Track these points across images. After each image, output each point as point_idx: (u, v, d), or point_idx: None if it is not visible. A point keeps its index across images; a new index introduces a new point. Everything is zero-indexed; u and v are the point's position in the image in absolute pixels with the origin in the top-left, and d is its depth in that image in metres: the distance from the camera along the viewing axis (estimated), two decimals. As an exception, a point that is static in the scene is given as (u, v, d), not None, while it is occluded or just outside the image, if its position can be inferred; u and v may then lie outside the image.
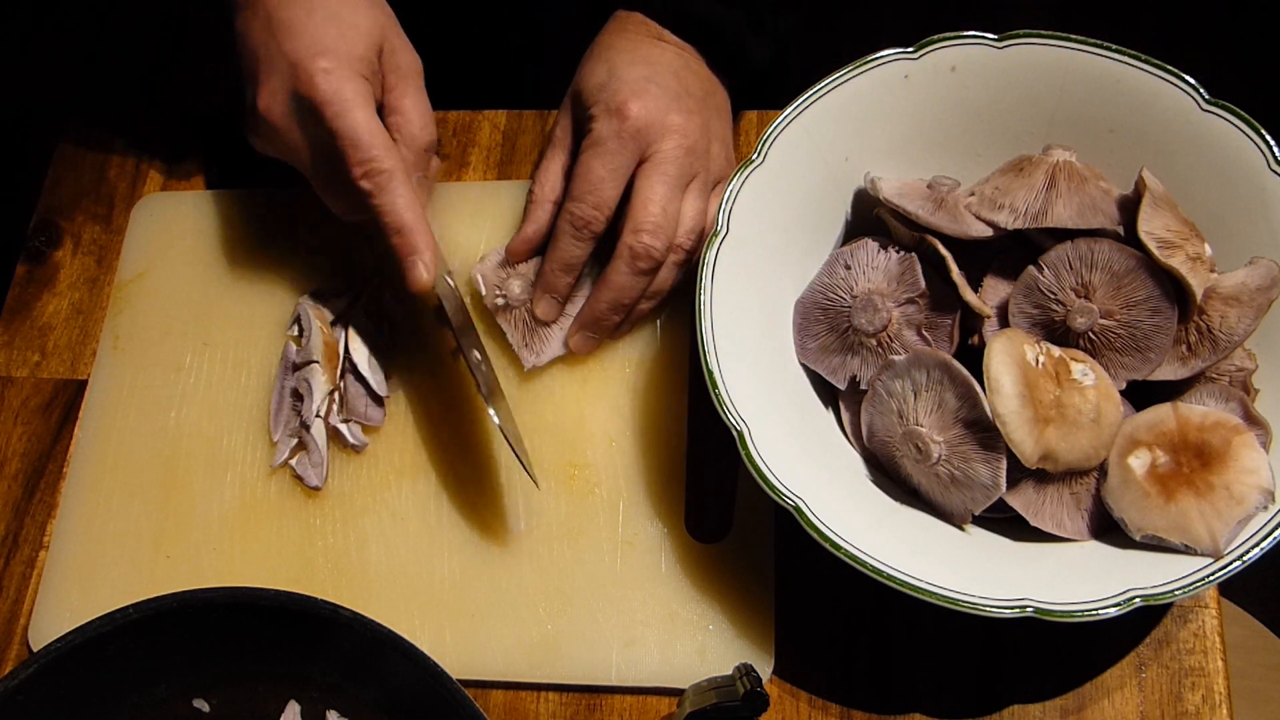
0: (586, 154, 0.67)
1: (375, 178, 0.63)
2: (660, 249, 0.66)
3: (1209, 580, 0.56)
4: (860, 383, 0.64)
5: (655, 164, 0.66)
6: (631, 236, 0.66)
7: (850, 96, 0.65)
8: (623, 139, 0.66)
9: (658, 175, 0.66)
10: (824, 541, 0.56)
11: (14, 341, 0.77)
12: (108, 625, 0.58)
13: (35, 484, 0.72)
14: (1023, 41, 0.65)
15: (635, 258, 0.66)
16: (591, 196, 0.66)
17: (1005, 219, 0.62)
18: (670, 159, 0.66)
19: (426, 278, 0.64)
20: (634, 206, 0.66)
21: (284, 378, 0.72)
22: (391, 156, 0.64)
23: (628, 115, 0.65)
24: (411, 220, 0.64)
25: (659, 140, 0.66)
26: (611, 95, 0.66)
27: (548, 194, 0.70)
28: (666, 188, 0.66)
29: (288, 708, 0.61)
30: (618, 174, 0.66)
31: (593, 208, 0.66)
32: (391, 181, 0.63)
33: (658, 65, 0.68)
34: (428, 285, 0.65)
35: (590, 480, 0.68)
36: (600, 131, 0.66)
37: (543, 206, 0.70)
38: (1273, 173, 0.62)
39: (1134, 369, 0.61)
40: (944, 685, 0.63)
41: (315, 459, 0.69)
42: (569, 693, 0.64)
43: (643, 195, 0.66)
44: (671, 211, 0.66)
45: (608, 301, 0.67)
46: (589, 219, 0.67)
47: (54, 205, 0.81)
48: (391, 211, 0.64)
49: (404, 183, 0.64)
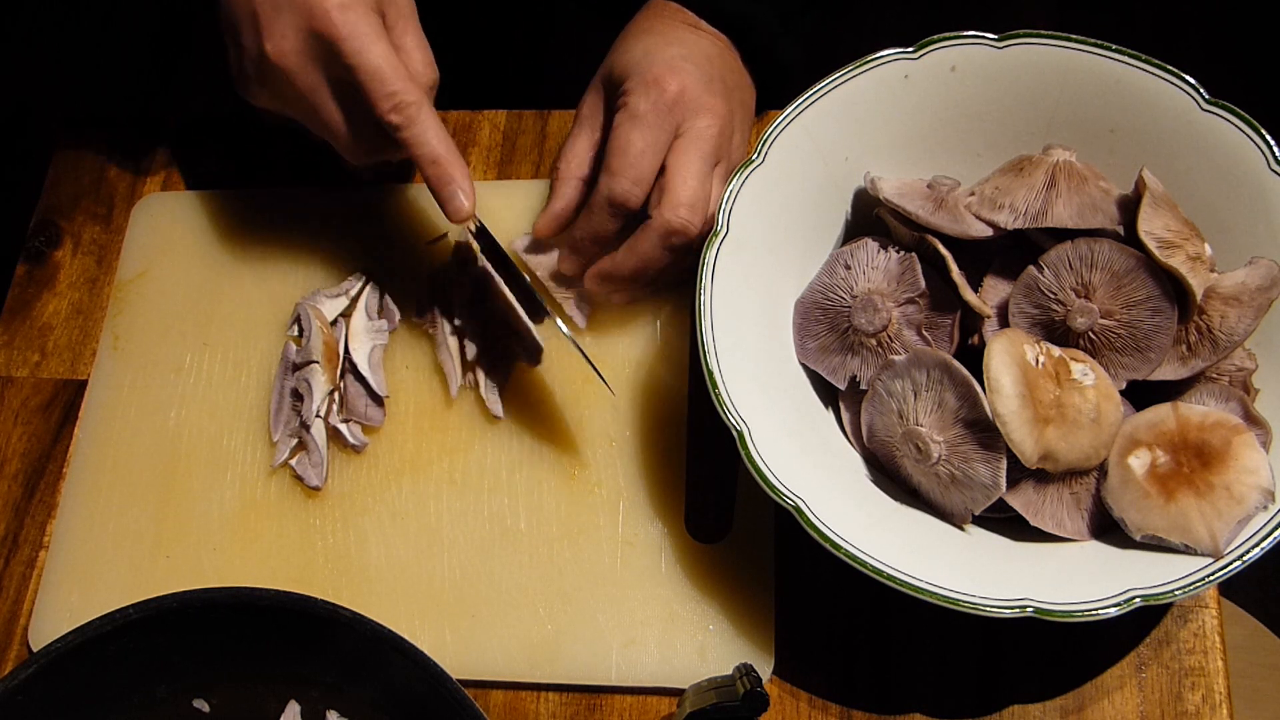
0: (623, 127, 0.65)
1: (404, 110, 0.62)
2: (697, 226, 0.64)
3: (1209, 580, 0.56)
4: (860, 383, 0.64)
5: (692, 139, 0.65)
6: (670, 211, 0.64)
7: (850, 96, 0.65)
8: (660, 112, 0.64)
9: (695, 151, 0.65)
10: (824, 541, 0.56)
11: (14, 341, 0.77)
12: (108, 625, 0.58)
13: (35, 484, 0.72)
14: (1023, 41, 0.65)
15: (671, 233, 0.64)
16: (631, 171, 0.64)
17: (1005, 219, 0.62)
18: (706, 137, 0.65)
19: (467, 205, 0.64)
20: (671, 181, 0.64)
21: (284, 378, 0.72)
22: (416, 88, 0.63)
23: (666, 88, 0.64)
24: (445, 149, 0.63)
25: (695, 117, 0.65)
26: (648, 69, 0.65)
27: (574, 170, 0.69)
28: (704, 164, 0.65)
29: (288, 708, 0.61)
30: (657, 148, 0.65)
31: (632, 182, 0.64)
32: (420, 112, 0.63)
33: (693, 49, 0.68)
34: (468, 212, 0.64)
35: (590, 480, 0.68)
36: (638, 104, 0.65)
37: (570, 183, 0.69)
38: (1273, 173, 0.62)
39: (1134, 369, 0.61)
40: (944, 685, 0.63)
41: (315, 459, 0.69)
42: (569, 693, 0.64)
43: (681, 170, 0.64)
44: (707, 189, 0.65)
45: (631, 269, 0.66)
46: (627, 195, 0.65)
47: (54, 205, 0.81)
48: (424, 142, 0.63)
49: (432, 113, 0.63)
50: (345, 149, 0.67)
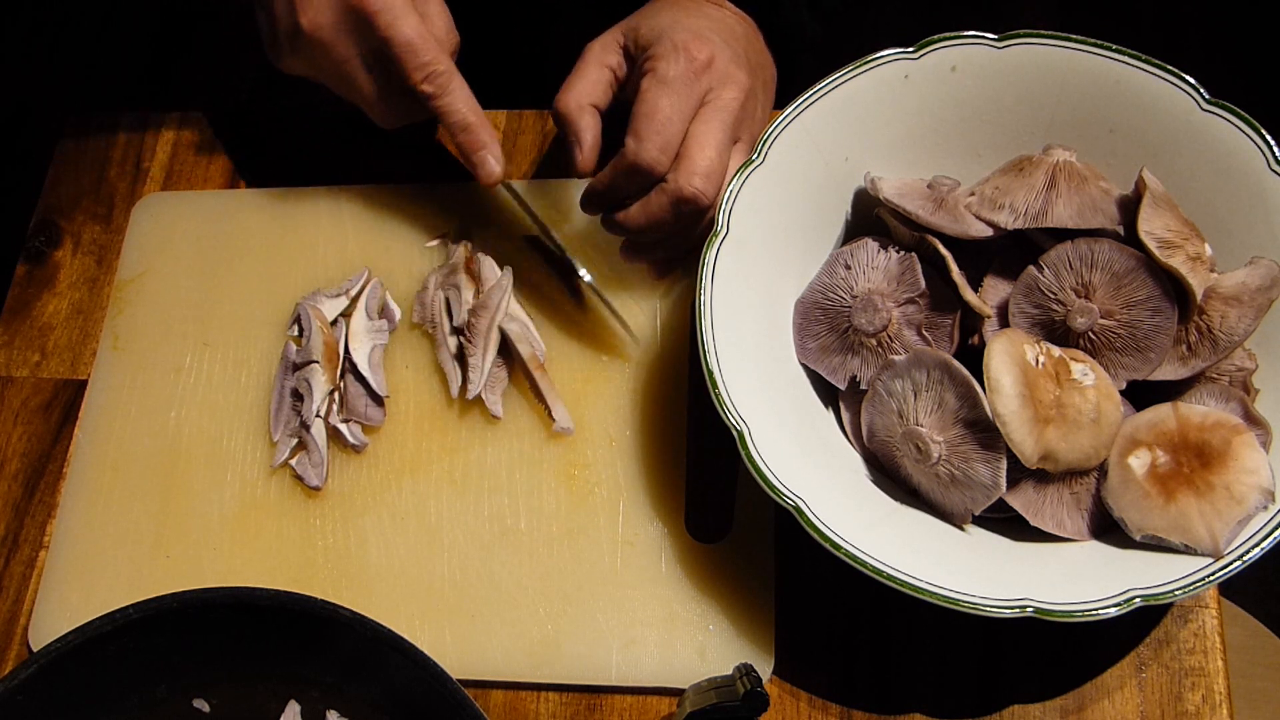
0: (651, 92, 0.64)
1: (436, 80, 0.65)
2: (710, 196, 0.64)
3: (1209, 580, 0.56)
4: (860, 383, 0.64)
5: (716, 109, 0.64)
6: (685, 178, 0.63)
7: (850, 96, 0.65)
8: (688, 79, 0.64)
9: (718, 121, 0.64)
10: (824, 541, 0.56)
11: (14, 341, 0.77)
12: (108, 625, 0.58)
13: (35, 484, 0.72)
14: (1023, 41, 0.65)
15: (683, 200, 0.63)
16: (658, 137, 0.63)
17: (1005, 219, 0.62)
18: (729, 108, 0.65)
19: (498, 170, 0.67)
20: (690, 148, 0.63)
21: (284, 378, 0.72)
22: (446, 58, 0.66)
23: (696, 56, 0.64)
24: (475, 117, 0.67)
25: (721, 87, 0.65)
26: (676, 35, 0.65)
27: (585, 99, 0.66)
28: (724, 135, 0.64)
29: (288, 708, 0.61)
30: (684, 115, 0.64)
31: (659, 150, 0.63)
32: (452, 81, 0.66)
33: (719, 23, 0.68)
34: (499, 176, 0.67)
35: (590, 480, 0.68)
36: (666, 70, 0.64)
37: (588, 112, 0.66)
38: (1273, 173, 0.62)
39: (1134, 369, 0.61)
40: (944, 685, 0.63)
41: (315, 459, 0.69)
42: (569, 693, 0.64)
43: (700, 138, 0.64)
44: (725, 162, 0.64)
45: (638, 225, 0.65)
46: (654, 162, 0.63)
47: (54, 205, 0.81)
48: (455, 110, 0.66)
49: (461, 82, 0.66)
50: (376, 114, 0.70)
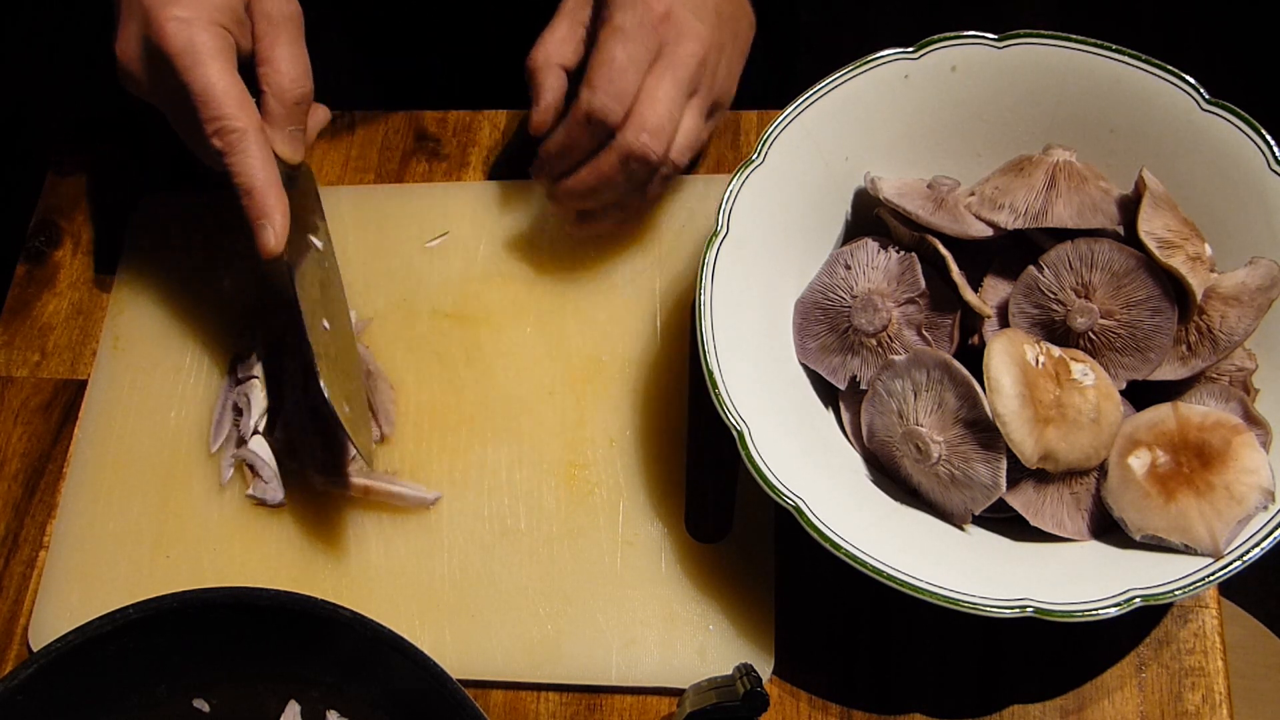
0: (607, 41, 0.63)
1: (227, 136, 0.60)
2: (658, 153, 0.63)
3: (1209, 580, 0.56)
4: (860, 383, 0.64)
5: (669, 64, 0.63)
6: (633, 134, 0.62)
7: (850, 96, 0.65)
8: (644, 28, 0.63)
9: (670, 76, 0.63)
10: (824, 541, 0.56)
11: (14, 341, 0.77)
12: (108, 625, 0.58)
13: (35, 484, 0.72)
14: (1023, 41, 0.65)
15: (630, 155, 0.63)
16: (611, 86, 0.62)
17: (1005, 219, 0.62)
18: (684, 63, 0.64)
19: (275, 244, 0.62)
20: (640, 103, 0.63)
21: (228, 391, 0.72)
22: (245, 115, 0.60)
23: (653, 7, 0.63)
24: (262, 183, 0.61)
25: (677, 42, 0.64)
26: None
27: (553, 57, 0.66)
28: (677, 90, 0.63)
29: (288, 708, 0.61)
30: (638, 64, 0.63)
31: (612, 98, 0.62)
32: (243, 141, 0.60)
33: None
34: (276, 251, 0.62)
35: (590, 480, 0.68)
36: (623, 19, 0.63)
37: (553, 70, 0.66)
38: (1273, 173, 0.62)
39: (1134, 369, 0.61)
40: (944, 685, 0.63)
41: (266, 474, 0.69)
42: (569, 693, 0.64)
43: (652, 92, 0.63)
44: (676, 117, 0.63)
45: (586, 185, 0.64)
46: (606, 110, 0.62)
47: (54, 205, 0.81)
48: (243, 173, 0.61)
49: (257, 143, 0.61)
50: (197, 152, 0.65)
